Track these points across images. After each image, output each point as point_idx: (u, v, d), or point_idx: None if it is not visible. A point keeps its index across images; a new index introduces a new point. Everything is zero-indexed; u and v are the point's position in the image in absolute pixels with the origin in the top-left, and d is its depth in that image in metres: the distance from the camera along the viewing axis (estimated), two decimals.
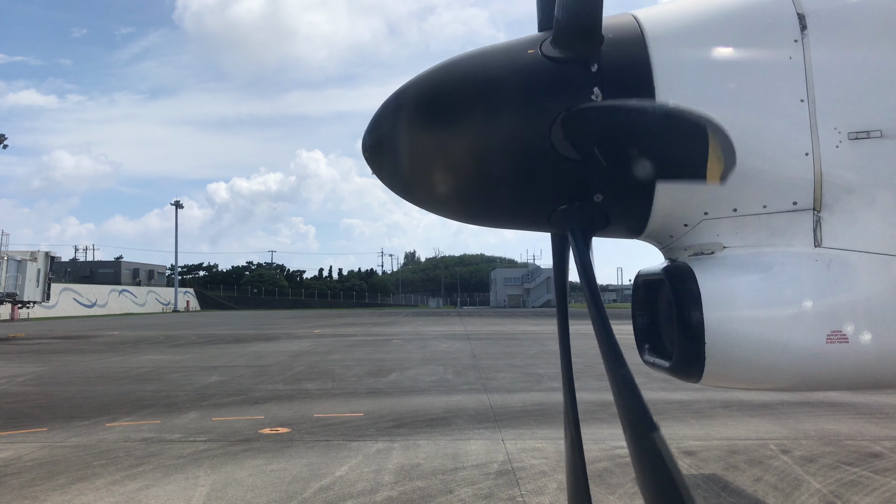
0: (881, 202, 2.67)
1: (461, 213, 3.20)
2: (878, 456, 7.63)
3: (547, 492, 6.39)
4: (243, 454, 7.98)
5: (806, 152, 2.66)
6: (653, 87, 2.70)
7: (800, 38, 2.69)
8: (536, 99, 2.73)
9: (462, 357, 20.44)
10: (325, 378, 15.37)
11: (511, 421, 9.92)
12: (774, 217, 2.72)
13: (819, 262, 2.66)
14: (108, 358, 21.41)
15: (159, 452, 8.09)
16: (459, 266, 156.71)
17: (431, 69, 2.95)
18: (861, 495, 6.23)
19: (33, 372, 17.34)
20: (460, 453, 7.91)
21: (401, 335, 32.65)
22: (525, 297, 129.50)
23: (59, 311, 65.33)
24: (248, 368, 17.61)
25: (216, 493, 6.45)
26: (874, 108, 2.66)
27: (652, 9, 2.97)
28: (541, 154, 2.74)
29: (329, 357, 20.79)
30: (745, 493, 6.36)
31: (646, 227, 2.93)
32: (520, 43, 2.97)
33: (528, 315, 67.71)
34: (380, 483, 6.70)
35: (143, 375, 16.32)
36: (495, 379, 14.94)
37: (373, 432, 9.18)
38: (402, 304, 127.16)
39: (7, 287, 39.93)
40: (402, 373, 16.32)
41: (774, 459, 7.52)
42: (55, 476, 7.09)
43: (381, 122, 2.98)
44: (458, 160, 2.85)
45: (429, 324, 46.45)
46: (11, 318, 52.76)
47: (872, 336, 2.63)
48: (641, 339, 3.14)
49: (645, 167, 2.62)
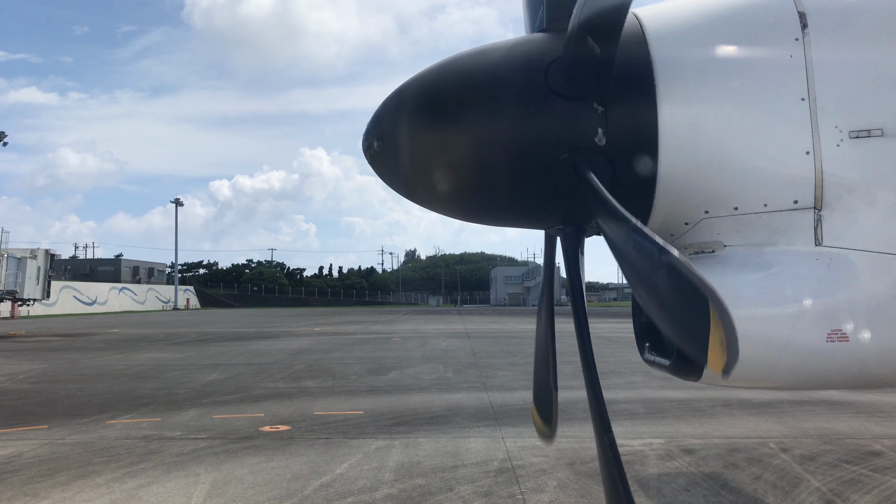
0: (882, 201, 2.67)
1: (461, 211, 3.20)
2: (878, 454, 7.64)
3: (546, 489, 6.39)
4: (244, 452, 7.99)
5: (807, 151, 2.66)
6: (653, 85, 2.70)
7: (801, 36, 2.69)
8: (537, 90, 2.74)
9: (462, 355, 20.44)
10: (325, 376, 15.38)
11: (511, 419, 9.92)
12: (775, 216, 2.72)
13: (820, 260, 2.66)
14: (108, 356, 21.42)
15: (160, 450, 8.10)
16: (460, 264, 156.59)
17: (432, 67, 2.95)
18: (860, 494, 6.23)
19: (34, 369, 17.35)
20: (460, 451, 7.92)
21: (401, 333, 32.65)
22: (525, 296, 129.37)
23: (59, 308, 65.29)
24: (248, 366, 17.62)
25: (216, 491, 6.46)
26: (875, 107, 2.66)
27: (653, 7, 2.97)
28: (543, 145, 2.74)
29: (329, 355, 20.79)
30: (745, 492, 6.37)
31: (647, 224, 2.93)
32: (520, 41, 2.97)
33: (528, 313, 67.66)
34: (380, 481, 6.71)
35: (144, 373, 16.32)
36: (495, 377, 14.95)
37: (373, 430, 9.19)
38: (403, 302, 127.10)
39: (7, 285, 39.93)
40: (403, 371, 16.32)
41: (774, 458, 7.52)
42: (56, 473, 7.09)
43: (382, 120, 2.98)
44: (459, 157, 2.85)
45: (429, 322, 46.45)
46: (11, 316, 52.75)
47: (873, 335, 2.63)
48: (642, 338, 3.14)
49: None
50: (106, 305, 78.60)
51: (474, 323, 44.55)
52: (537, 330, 3.52)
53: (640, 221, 2.53)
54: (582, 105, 2.71)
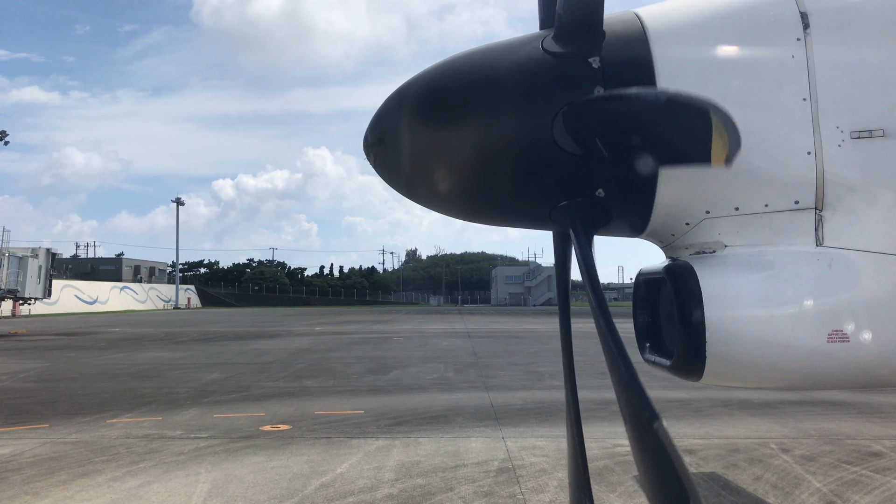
0: (883, 201, 2.66)
1: (462, 211, 3.20)
2: (879, 455, 7.63)
3: (547, 489, 6.39)
4: (244, 451, 8.00)
5: (808, 151, 2.66)
6: (655, 85, 2.70)
7: (802, 36, 2.69)
8: (538, 94, 2.73)
9: (463, 355, 20.44)
10: (325, 375, 15.39)
11: (512, 419, 9.92)
12: (776, 216, 2.72)
13: (821, 261, 2.66)
14: (109, 354, 21.44)
15: (160, 449, 8.11)
16: (460, 264, 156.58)
17: (433, 66, 2.95)
18: (861, 494, 6.23)
19: (35, 368, 17.37)
20: (461, 451, 7.92)
21: (401, 333, 32.66)
22: (526, 296, 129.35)
23: (61, 307, 65.36)
24: (248, 365, 17.63)
25: (217, 490, 6.47)
26: (877, 107, 2.66)
27: (654, 7, 2.96)
28: (542, 150, 2.74)
29: (330, 354, 20.80)
30: (745, 492, 6.37)
31: (647, 224, 2.92)
32: (521, 40, 2.97)
33: (529, 313, 67.70)
34: (380, 480, 6.71)
35: (145, 372, 16.34)
36: (496, 377, 14.95)
37: (373, 430, 9.19)
38: (403, 301, 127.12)
39: (8, 284, 39.96)
40: (403, 370, 16.33)
41: (775, 458, 7.52)
42: (56, 472, 7.10)
43: (384, 119, 2.98)
44: (460, 157, 2.85)
45: (430, 322, 46.46)
46: (13, 315, 52.81)
47: (873, 335, 2.62)
48: (642, 338, 3.14)
49: (647, 159, 2.62)
50: (107, 304, 78.67)
51: (475, 323, 44.56)
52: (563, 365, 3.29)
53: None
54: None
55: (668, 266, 2.89)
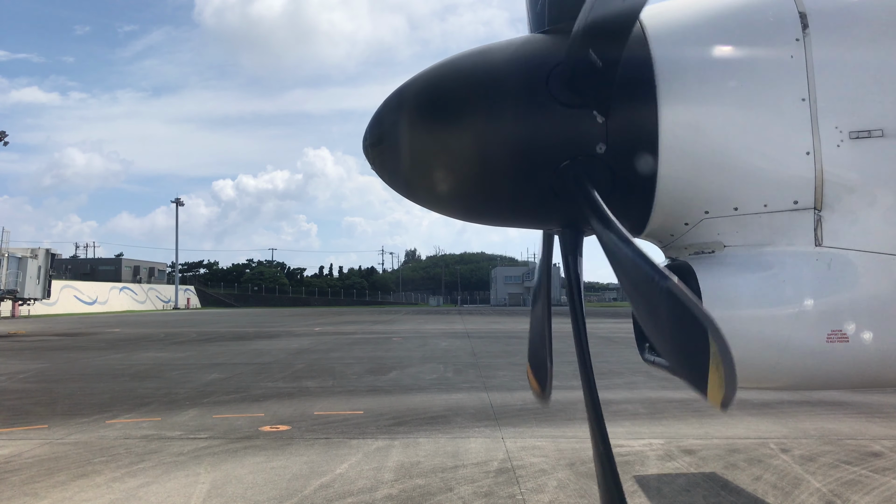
0: (882, 201, 2.66)
1: (461, 211, 3.20)
2: (878, 455, 7.63)
3: (546, 490, 6.39)
4: (243, 451, 7.99)
5: (807, 151, 2.66)
6: (654, 84, 2.70)
7: (801, 36, 2.69)
8: (537, 94, 2.74)
9: (462, 355, 20.44)
10: (325, 376, 15.38)
11: (511, 419, 9.92)
12: (775, 216, 2.72)
13: (820, 261, 2.66)
14: (108, 355, 21.42)
15: (160, 449, 8.10)
16: (460, 264, 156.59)
17: (432, 67, 2.96)
18: (861, 494, 6.23)
19: (34, 369, 17.36)
20: (460, 451, 7.92)
21: (401, 333, 32.65)
22: (525, 296, 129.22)
23: (60, 308, 65.32)
24: (248, 366, 17.62)
25: (216, 491, 6.46)
26: (875, 108, 2.66)
27: (654, 7, 2.96)
28: (542, 149, 2.74)
29: (329, 355, 20.79)
30: (745, 492, 6.36)
31: (647, 225, 2.93)
32: (520, 42, 2.97)
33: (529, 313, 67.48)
34: (380, 481, 6.71)
35: (144, 373, 16.33)
36: (495, 377, 14.94)
37: (373, 430, 9.19)
38: (403, 302, 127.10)
39: (8, 284, 39.97)
40: (403, 371, 16.32)
41: (774, 458, 7.52)
42: (56, 473, 7.09)
43: (383, 120, 2.98)
44: (458, 158, 2.85)
45: (429, 322, 46.45)
46: (12, 315, 52.78)
47: (873, 335, 2.63)
48: (642, 338, 3.14)
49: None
50: (106, 305, 78.62)
51: (474, 323, 44.55)
52: (532, 310, 3.57)
53: (637, 236, 2.53)
54: (582, 112, 2.71)
55: (667, 266, 2.89)
